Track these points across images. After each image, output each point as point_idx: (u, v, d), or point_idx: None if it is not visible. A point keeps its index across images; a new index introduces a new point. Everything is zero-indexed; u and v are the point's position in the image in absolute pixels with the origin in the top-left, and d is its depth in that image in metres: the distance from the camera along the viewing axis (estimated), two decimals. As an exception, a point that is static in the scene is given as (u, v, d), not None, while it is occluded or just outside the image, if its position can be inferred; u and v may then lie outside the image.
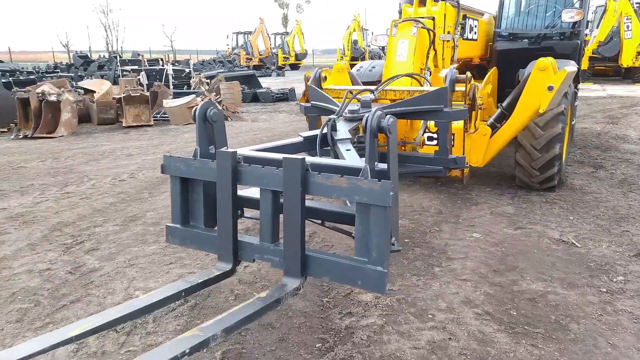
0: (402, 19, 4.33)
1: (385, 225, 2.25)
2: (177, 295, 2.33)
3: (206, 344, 1.88)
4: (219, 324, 1.97)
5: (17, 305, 3.06)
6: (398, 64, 4.18)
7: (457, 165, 3.57)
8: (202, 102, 2.83)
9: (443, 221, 4.44)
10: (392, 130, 2.36)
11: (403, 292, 3.13)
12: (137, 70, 17.25)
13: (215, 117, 2.85)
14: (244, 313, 2.14)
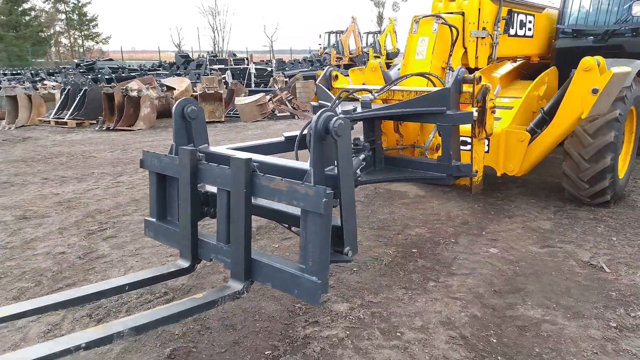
0: (423, 15, 4.06)
1: (322, 234, 2.12)
2: (120, 289, 2.36)
3: (108, 341, 1.88)
4: (132, 321, 1.97)
5: (21, 283, 3.32)
6: (417, 63, 3.92)
7: (460, 173, 3.26)
8: (180, 100, 2.86)
9: (464, 233, 4.11)
10: (339, 133, 2.20)
11: (382, 306, 2.94)
12: (224, 69, 18.11)
13: (192, 114, 2.85)
14: (167, 313, 2.11)
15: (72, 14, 57.34)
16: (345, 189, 2.30)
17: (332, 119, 2.20)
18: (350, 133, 2.29)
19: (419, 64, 3.88)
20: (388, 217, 4.54)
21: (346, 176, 2.30)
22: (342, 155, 2.26)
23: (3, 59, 43.93)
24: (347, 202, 2.33)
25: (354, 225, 2.41)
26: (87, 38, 58.94)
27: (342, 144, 2.24)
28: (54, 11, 56.75)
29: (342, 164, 2.27)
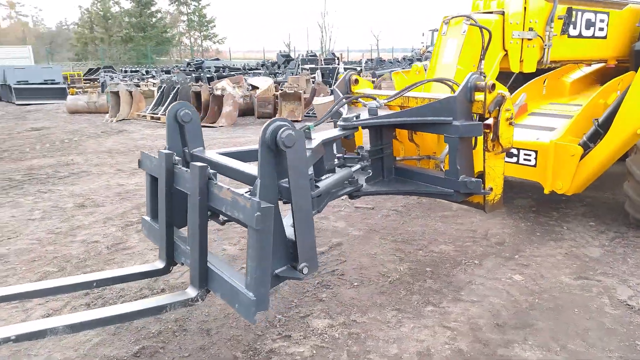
0: (453, 15, 3.73)
1: (258, 249, 2.06)
2: (88, 284, 2.46)
3: (41, 335, 1.96)
4: (69, 319, 2.04)
5: (48, 268, 3.63)
6: (443, 67, 3.62)
7: (467, 189, 2.94)
8: (174, 103, 2.92)
9: (493, 254, 3.73)
10: (288, 144, 2.10)
11: (364, 327, 2.76)
12: (314, 69, 18.37)
13: (185, 117, 2.89)
14: (108, 314, 2.16)
15: (193, 16, 61.88)
16: (298, 202, 2.20)
17: (281, 129, 2.11)
18: (303, 144, 2.18)
19: (446, 68, 3.58)
20: (418, 230, 4.27)
21: (299, 189, 2.19)
22: (293, 168, 2.16)
23: (132, 58, 48.69)
24: (301, 216, 2.22)
25: (310, 240, 2.29)
26: (206, 38, 63.34)
27: (292, 155, 2.14)
28: (177, 13, 61.72)
29: (293, 177, 2.17)
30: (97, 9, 54.02)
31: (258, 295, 2.06)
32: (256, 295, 2.05)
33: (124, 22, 54.05)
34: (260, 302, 2.07)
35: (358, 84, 3.69)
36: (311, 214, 2.28)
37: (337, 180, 2.86)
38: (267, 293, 2.11)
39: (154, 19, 55.77)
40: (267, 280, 2.10)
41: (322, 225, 4.42)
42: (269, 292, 2.12)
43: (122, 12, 54.70)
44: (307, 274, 2.28)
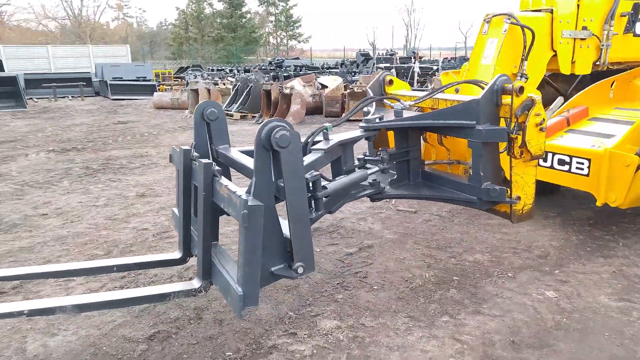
0: (494, 14, 3.51)
1: (247, 245, 2.11)
2: (109, 269, 2.66)
3: (51, 312, 2.15)
4: (78, 300, 2.22)
5: (96, 251, 3.95)
6: (482, 68, 3.43)
7: (490, 197, 2.78)
8: (201, 102, 3.06)
9: (531, 268, 3.51)
10: (282, 144, 2.13)
11: (371, 331, 2.73)
12: (389, 67, 18.17)
13: (211, 115, 2.98)
14: (114, 297, 2.33)
15: (281, 16, 63.59)
16: (293, 202, 2.23)
17: (275, 129, 2.15)
18: (298, 145, 2.20)
19: (484, 69, 3.40)
20: (456, 237, 4.12)
21: (293, 190, 2.22)
22: (287, 168, 2.19)
23: (221, 57, 51.02)
24: (296, 217, 2.25)
25: (306, 241, 2.31)
26: (291, 38, 64.85)
27: (286, 155, 2.17)
28: (266, 14, 63.74)
29: (287, 177, 2.20)
30: (191, 10, 57.16)
31: (246, 290, 2.11)
32: (244, 291, 2.11)
33: (215, 22, 56.70)
34: (247, 297, 2.12)
35: (393, 84, 3.61)
36: (307, 214, 2.29)
37: (349, 182, 2.84)
38: (256, 289, 2.15)
39: (243, 20, 57.92)
40: (256, 277, 2.15)
41: (358, 227, 4.40)
42: (258, 288, 2.16)
43: (215, 13, 57.41)
44: (302, 274, 2.30)
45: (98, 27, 52.18)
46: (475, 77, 3.50)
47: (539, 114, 2.70)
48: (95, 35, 49.29)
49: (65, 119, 13.26)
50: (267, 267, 2.29)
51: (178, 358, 2.52)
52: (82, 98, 18.39)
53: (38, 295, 3.22)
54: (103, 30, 52.74)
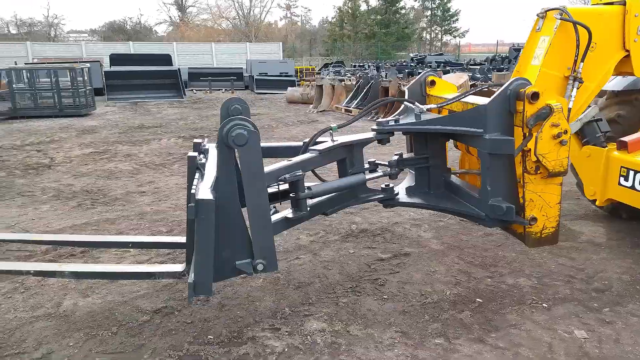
0: (550, 7, 3.00)
1: (198, 237, 2.20)
2: (125, 244, 2.99)
3: (50, 275, 2.51)
4: (76, 268, 2.55)
5: (162, 228, 4.42)
6: (531, 69, 2.99)
7: (496, 214, 2.45)
8: (227, 99, 3.22)
9: (575, 301, 3.04)
10: (238, 142, 2.19)
11: (352, 340, 2.65)
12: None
13: (235, 112, 3.11)
14: (108, 269, 2.62)
15: (437, 11, 61.99)
16: (251, 199, 2.28)
17: (233, 128, 2.20)
18: (257, 144, 2.23)
19: (532, 70, 2.98)
20: (511, 256, 3.72)
21: (250, 187, 2.26)
22: (245, 166, 2.26)
23: (372, 53, 51.63)
24: (254, 213, 2.30)
25: (266, 238, 2.36)
26: (446, 32, 62.85)
27: (244, 154, 2.23)
28: (422, 9, 62.68)
29: (245, 175, 2.26)
30: (347, 7, 58.71)
31: (197, 279, 2.22)
32: (195, 279, 2.22)
33: (369, 19, 57.45)
34: (198, 286, 2.21)
35: (435, 86, 3.39)
36: (266, 213, 2.32)
37: (341, 185, 2.79)
38: (209, 279, 2.24)
39: (397, 15, 57.74)
40: (208, 268, 2.24)
41: (407, 233, 4.23)
42: (210, 278, 2.25)
43: (369, 10, 58.18)
44: (262, 271, 2.36)
45: (262, 26, 56.54)
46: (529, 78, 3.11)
47: (558, 124, 2.34)
48: (260, 34, 53.51)
49: (210, 109, 14.77)
50: (232, 260, 2.38)
51: (166, 333, 2.75)
52: (232, 91, 20.24)
53: (98, 259, 3.75)
54: (267, 29, 56.99)
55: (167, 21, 59.37)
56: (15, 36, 42.23)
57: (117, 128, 11.10)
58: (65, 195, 5.63)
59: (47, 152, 8.29)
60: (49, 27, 50.46)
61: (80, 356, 2.52)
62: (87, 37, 53.06)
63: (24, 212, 5.01)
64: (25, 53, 24.96)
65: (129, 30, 53.02)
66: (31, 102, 13.33)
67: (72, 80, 13.52)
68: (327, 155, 2.80)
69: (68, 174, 6.69)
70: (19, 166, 7.23)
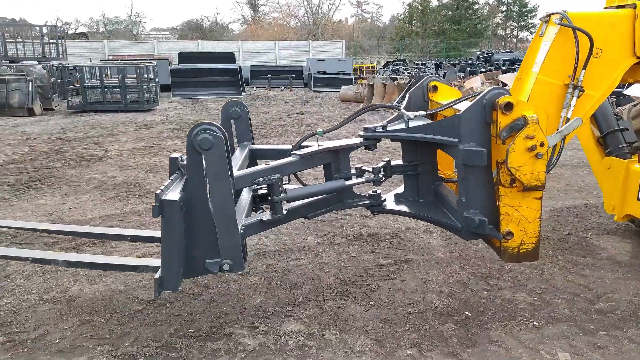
0: (551, 12, 2.79)
1: (163, 236, 2.34)
2: (124, 237, 3.18)
3: (47, 262, 2.74)
4: (69, 257, 2.76)
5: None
6: (531, 76, 2.82)
7: (468, 226, 2.36)
8: (228, 101, 3.34)
9: (570, 321, 2.87)
10: (204, 146, 2.27)
11: (323, 344, 2.67)
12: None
13: (234, 114, 3.27)
14: (96, 260, 2.80)
15: (513, 6, 59.37)
16: (215, 201, 2.35)
17: (200, 133, 2.28)
18: (222, 148, 2.29)
19: (531, 77, 2.82)
20: (518, 270, 3.56)
21: (215, 189, 2.34)
22: (210, 169, 2.32)
23: (441, 51, 50.41)
24: (218, 214, 2.37)
25: (232, 239, 2.42)
26: (523, 29, 60.05)
27: (209, 157, 2.30)
28: (497, 4, 60.26)
29: (210, 177, 2.34)
30: (417, 4, 57.68)
31: (163, 275, 2.35)
32: (161, 275, 2.35)
33: (439, 15, 56.10)
34: (164, 282, 2.35)
35: (437, 91, 3.31)
36: (231, 214, 2.38)
37: (318, 190, 2.81)
38: (175, 275, 2.37)
39: (469, 11, 55.99)
40: (174, 265, 2.36)
41: (416, 240, 4.16)
42: (177, 275, 2.38)
43: (440, 6, 56.81)
44: (228, 271, 2.44)
45: (330, 24, 56.84)
46: (525, 85, 2.97)
47: (532, 136, 2.23)
48: (327, 32, 53.85)
49: (264, 106, 15.13)
50: (202, 259, 2.46)
51: (152, 324, 2.91)
52: (290, 89, 20.59)
53: (115, 248, 4.00)
54: (334, 27, 57.22)
55: (240, 20, 61.25)
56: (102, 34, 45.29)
57: (172, 124, 11.67)
58: (106, 187, 6.03)
59: (103, 145, 8.89)
60: (132, 25, 53.67)
61: (70, 339, 2.73)
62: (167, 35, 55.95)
63: (64, 201, 5.43)
64: (103, 50, 26.79)
65: (204, 29, 55.26)
66: (100, 97, 14.29)
67: (137, 77, 14.35)
68: (309, 160, 2.83)
69: (115, 167, 7.15)
70: (75, 157, 7.82)
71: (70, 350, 2.63)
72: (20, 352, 2.61)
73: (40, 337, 2.76)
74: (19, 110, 12.92)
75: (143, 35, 52.63)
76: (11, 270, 3.59)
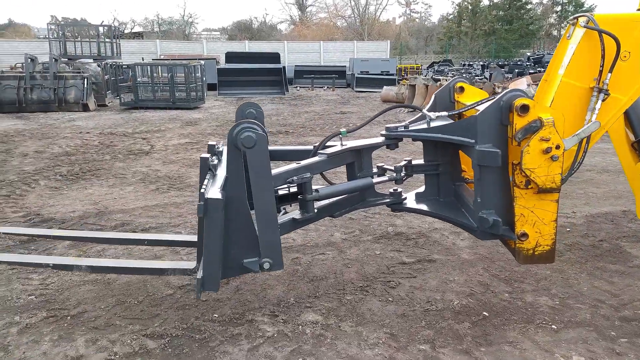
0: (579, 15, 2.73)
1: (205, 235, 2.32)
2: (141, 241, 3.27)
3: (69, 269, 2.86)
4: (93, 262, 2.88)
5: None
6: (556, 78, 2.79)
7: (482, 226, 2.38)
8: (243, 103, 3.28)
9: (591, 326, 2.84)
10: (247, 145, 2.28)
11: (339, 335, 2.77)
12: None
13: (250, 115, 3.08)
14: (122, 265, 2.89)
15: (568, 6, 57.20)
16: (257, 200, 2.37)
17: (243, 130, 2.30)
18: (264, 146, 2.33)
19: (557, 80, 2.80)
20: (544, 273, 3.53)
21: (258, 188, 2.36)
22: (253, 168, 2.33)
23: (490, 51, 49.22)
24: (262, 213, 2.40)
25: (273, 237, 2.44)
26: (576, 29, 57.65)
27: (251, 156, 2.32)
28: (551, 4, 58.22)
29: (252, 175, 2.34)
30: (467, 3, 56.53)
31: (205, 275, 2.34)
32: (203, 275, 2.34)
33: (490, 15, 54.76)
34: (206, 282, 2.34)
35: (464, 92, 3.33)
36: (273, 213, 2.41)
37: (347, 188, 2.86)
38: (216, 275, 2.38)
39: (522, 11, 54.38)
40: (215, 264, 2.36)
41: (442, 240, 4.18)
42: (218, 275, 2.40)
43: (491, 6, 55.46)
44: (268, 270, 2.48)
45: (376, 24, 56.59)
46: (551, 87, 2.96)
47: (548, 138, 2.25)
48: (373, 32, 53.66)
49: (305, 106, 15.33)
50: (239, 258, 2.48)
51: (181, 307, 3.09)
52: (333, 89, 20.72)
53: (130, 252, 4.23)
54: (381, 27, 56.93)
55: (288, 20, 61.99)
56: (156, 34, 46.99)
57: (216, 121, 12.04)
58: (150, 179, 6.34)
59: (150, 140, 9.31)
60: (184, 25, 55.40)
61: (105, 318, 2.95)
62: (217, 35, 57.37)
63: (110, 191, 5.77)
64: (155, 49, 27.84)
65: (253, 29, 56.31)
66: (151, 94, 14.90)
67: (185, 75, 14.87)
68: (335, 159, 2.87)
69: (159, 161, 7.49)
70: (123, 151, 8.24)
71: (105, 327, 2.84)
72: (60, 327, 2.84)
73: (79, 315, 2.99)
74: (74, 105, 13.67)
75: (194, 36, 54.17)
76: (58, 254, 3.89)
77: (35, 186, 5.99)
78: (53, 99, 13.58)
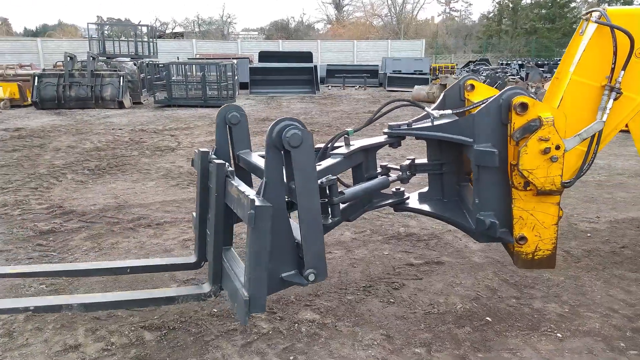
0: (592, 9, 2.58)
1: (253, 248, 2.04)
2: (123, 270, 2.98)
3: (57, 310, 2.43)
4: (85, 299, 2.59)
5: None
6: (568, 75, 2.66)
7: (479, 228, 2.29)
8: (224, 106, 2.87)
9: (599, 337, 2.71)
10: (293, 144, 2.05)
11: (333, 335, 2.75)
12: None
13: (233, 119, 2.83)
14: (123, 298, 2.63)
15: (616, 4, 54.96)
16: (305, 205, 2.14)
17: (287, 128, 2.08)
18: (310, 145, 2.13)
19: (568, 77, 2.68)
20: (557, 280, 3.39)
21: (304, 192, 2.13)
22: (299, 169, 2.11)
23: (531, 50, 47.84)
24: (307, 219, 2.16)
25: (318, 246, 2.21)
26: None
27: (298, 156, 2.09)
28: (597, 2, 56.10)
29: (298, 177, 2.12)
30: (508, 1, 55.13)
31: (252, 295, 2.06)
32: (250, 295, 2.06)
33: (531, 13, 53.24)
34: (253, 302, 2.07)
35: (474, 90, 3.24)
36: (319, 219, 2.21)
37: (369, 188, 2.75)
38: (263, 294, 2.11)
39: (565, 9, 52.65)
40: (263, 281, 2.09)
41: (454, 242, 4.08)
42: (265, 293, 2.13)
43: (532, 4, 53.93)
44: (313, 281, 2.23)
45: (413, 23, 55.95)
46: (561, 86, 2.84)
47: (547, 138, 2.16)
48: (410, 31, 53.06)
49: (334, 105, 15.29)
50: (277, 272, 2.23)
51: (182, 301, 3.13)
52: (364, 88, 20.61)
53: (142, 246, 4.32)
54: (418, 25, 56.27)
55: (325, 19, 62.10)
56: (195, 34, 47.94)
57: (244, 119, 12.15)
58: (172, 175, 6.47)
59: (178, 137, 9.49)
60: (223, 25, 56.29)
61: (109, 308, 3.02)
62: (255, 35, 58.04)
63: (133, 186, 5.91)
64: (192, 49, 28.41)
65: (290, 29, 56.66)
66: (184, 92, 15.20)
67: (217, 74, 15.10)
68: (349, 160, 2.73)
69: (183, 157, 7.63)
70: (151, 147, 8.43)
71: (106, 318, 2.91)
72: (64, 315, 2.92)
73: (85, 304, 3.07)
74: (110, 102, 14.09)
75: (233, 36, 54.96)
76: (73, 245, 4.02)
77: (63, 180, 6.21)
78: (90, 96, 14.05)
